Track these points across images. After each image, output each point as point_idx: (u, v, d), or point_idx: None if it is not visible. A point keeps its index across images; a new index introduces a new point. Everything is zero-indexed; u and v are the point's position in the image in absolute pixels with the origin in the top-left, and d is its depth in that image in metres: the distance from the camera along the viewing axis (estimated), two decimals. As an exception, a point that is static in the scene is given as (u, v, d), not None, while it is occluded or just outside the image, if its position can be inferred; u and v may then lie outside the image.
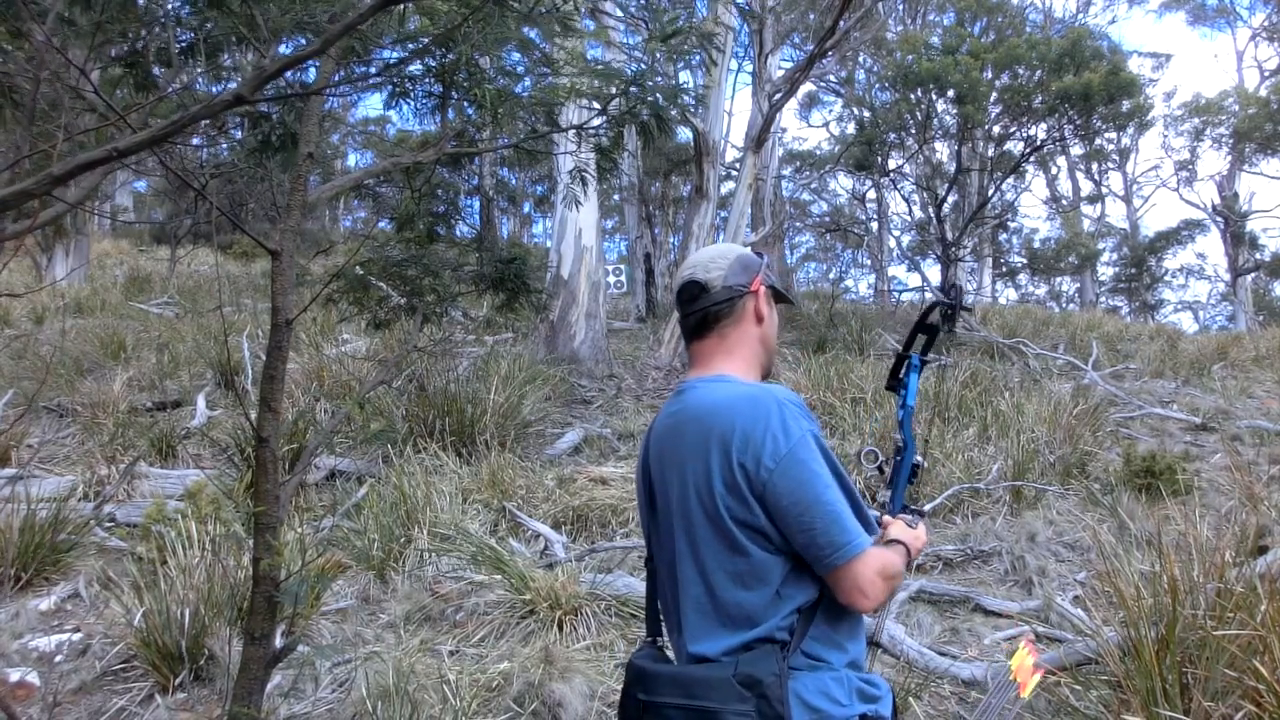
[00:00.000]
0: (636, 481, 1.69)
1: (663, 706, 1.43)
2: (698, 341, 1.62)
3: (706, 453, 1.46)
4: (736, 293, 1.59)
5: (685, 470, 1.50)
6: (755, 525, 1.43)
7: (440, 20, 2.58)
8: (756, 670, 1.38)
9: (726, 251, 1.63)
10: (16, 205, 1.58)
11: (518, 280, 4.62)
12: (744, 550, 1.44)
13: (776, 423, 1.43)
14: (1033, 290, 29.30)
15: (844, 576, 1.42)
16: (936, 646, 3.66)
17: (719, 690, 1.38)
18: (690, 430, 1.51)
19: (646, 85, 2.89)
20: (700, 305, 1.59)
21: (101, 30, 2.35)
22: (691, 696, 1.40)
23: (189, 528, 3.96)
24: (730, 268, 1.60)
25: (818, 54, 9.95)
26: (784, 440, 1.42)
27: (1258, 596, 2.73)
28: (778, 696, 1.36)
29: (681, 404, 1.56)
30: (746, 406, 1.46)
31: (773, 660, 1.39)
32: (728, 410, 1.46)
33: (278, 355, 2.34)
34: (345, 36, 1.87)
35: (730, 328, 1.60)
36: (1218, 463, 6.52)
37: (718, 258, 1.61)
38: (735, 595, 1.45)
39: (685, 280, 1.61)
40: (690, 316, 1.61)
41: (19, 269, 12.74)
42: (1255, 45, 26.44)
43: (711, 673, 1.41)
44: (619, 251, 28.66)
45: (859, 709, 1.45)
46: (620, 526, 5.00)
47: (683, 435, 1.52)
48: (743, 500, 1.43)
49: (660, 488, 1.57)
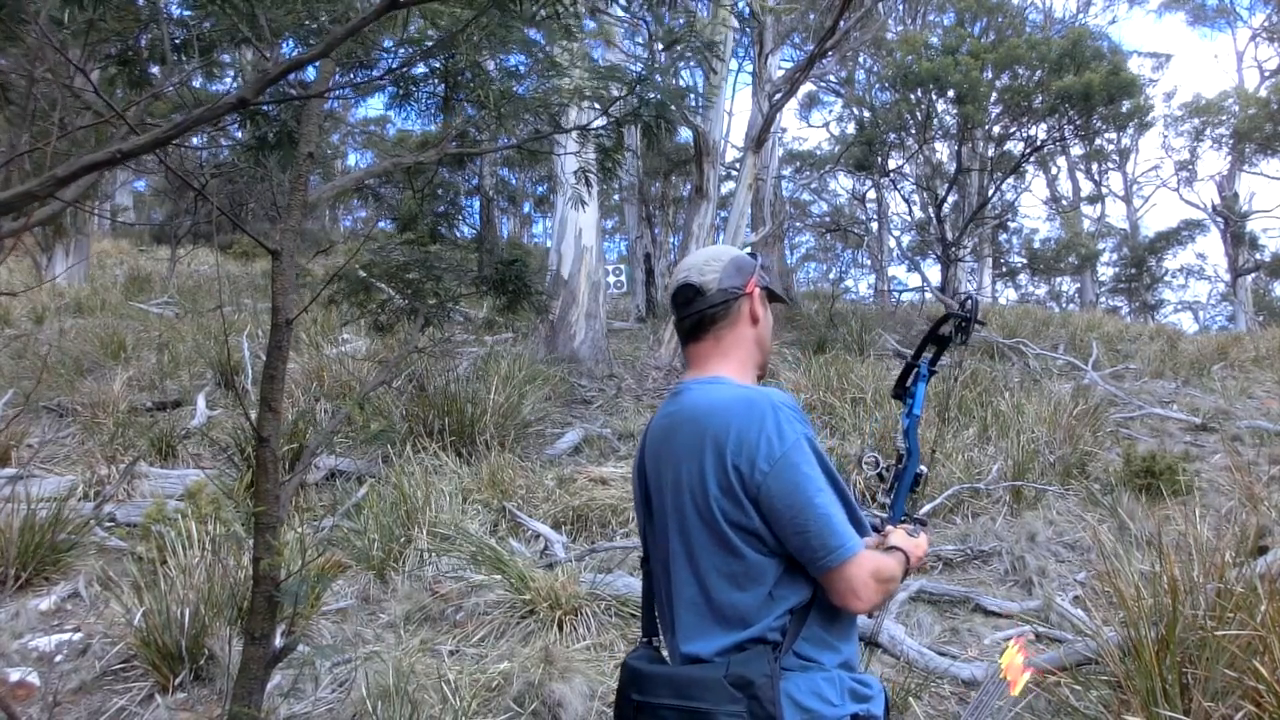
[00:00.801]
0: (633, 482, 1.70)
1: (657, 707, 1.43)
2: (693, 344, 1.62)
3: (701, 455, 1.47)
4: (731, 295, 1.60)
5: (680, 472, 1.50)
6: (749, 528, 1.44)
7: (442, 23, 2.58)
8: (748, 671, 1.38)
9: (720, 254, 1.64)
10: (20, 207, 1.58)
11: (519, 283, 4.62)
12: (738, 552, 1.44)
13: (771, 426, 1.43)
14: (1033, 290, 29.32)
15: (838, 578, 1.42)
16: (936, 646, 3.66)
17: (711, 691, 1.38)
18: (685, 432, 1.51)
19: (650, 83, 2.89)
20: (696, 308, 1.60)
21: (94, 29, 2.34)
22: (684, 697, 1.40)
23: (189, 528, 3.96)
24: (725, 270, 1.60)
25: (818, 54, 9.95)
26: (778, 443, 1.42)
27: (1258, 596, 2.73)
28: (769, 697, 1.37)
29: (678, 405, 1.57)
30: (742, 409, 1.46)
31: (764, 661, 1.40)
32: (723, 412, 1.47)
33: (278, 355, 2.34)
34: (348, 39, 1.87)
35: (726, 330, 1.61)
36: (1218, 463, 6.53)
37: (712, 260, 1.62)
38: (729, 596, 1.45)
39: (680, 284, 1.62)
40: (686, 319, 1.62)
41: (20, 269, 12.74)
42: (1255, 45, 26.44)
43: (704, 673, 1.42)
44: (619, 251, 28.67)
45: (851, 709, 1.45)
46: (620, 526, 5.01)
47: (678, 436, 1.53)
48: (737, 502, 1.43)
49: (655, 488, 1.58)
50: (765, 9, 11.24)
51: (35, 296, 10.98)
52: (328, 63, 2.48)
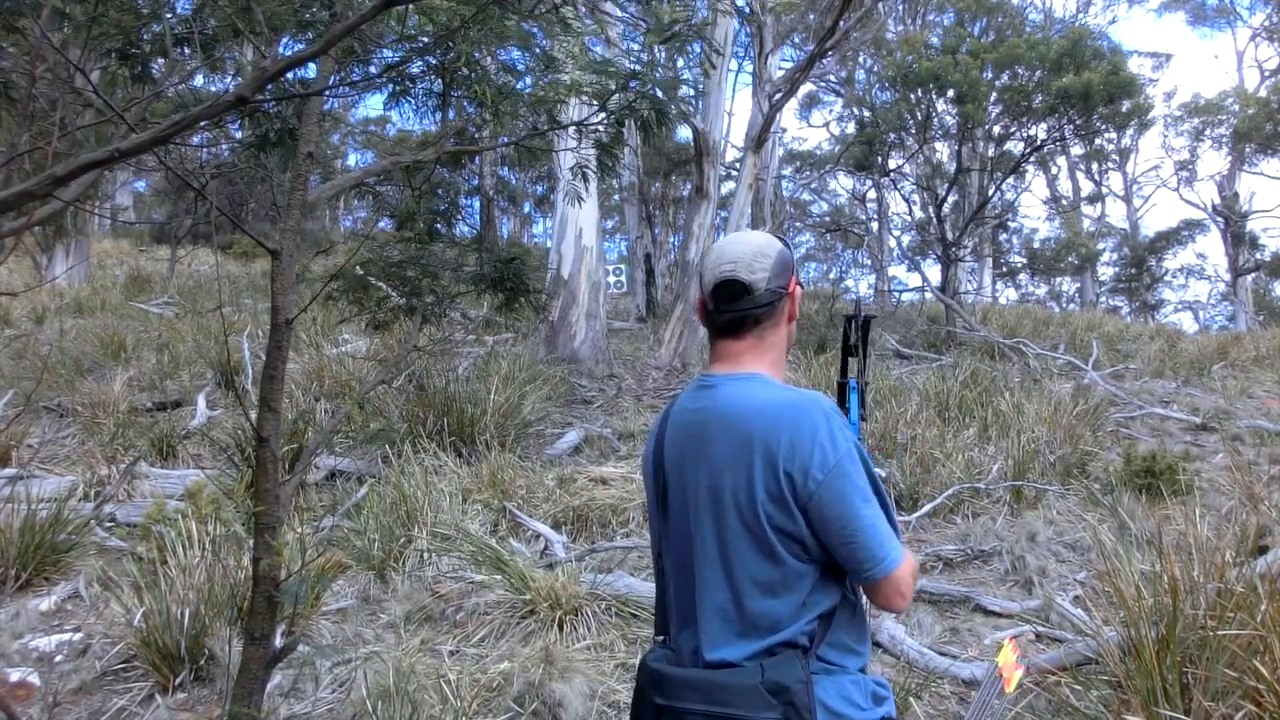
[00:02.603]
0: (645, 476, 1.64)
1: (683, 712, 1.39)
2: (732, 340, 1.55)
3: (749, 460, 1.42)
4: (778, 295, 1.54)
5: (720, 475, 1.45)
6: (796, 535, 1.41)
7: (439, 19, 2.58)
8: (783, 676, 1.36)
9: (767, 248, 1.55)
10: (18, 206, 1.58)
11: (517, 280, 4.61)
12: (779, 559, 1.42)
13: (825, 434, 1.40)
14: (1033, 290, 29.31)
15: (885, 584, 1.43)
16: (937, 646, 3.66)
17: (745, 697, 1.36)
18: (725, 432, 1.46)
19: (645, 77, 2.89)
20: (743, 306, 1.52)
21: (97, 23, 2.34)
22: (715, 703, 1.37)
23: (189, 528, 3.96)
24: (773, 269, 1.52)
25: (818, 54, 9.95)
26: (832, 453, 1.39)
27: (1258, 596, 2.73)
28: (805, 704, 1.35)
29: (710, 400, 1.51)
30: (792, 415, 1.42)
31: (797, 666, 1.38)
32: (773, 416, 1.43)
33: (278, 355, 2.34)
34: (346, 36, 1.87)
35: (770, 330, 1.55)
36: (1218, 463, 6.53)
37: (760, 256, 1.53)
38: (762, 604, 1.43)
39: (728, 278, 1.51)
40: (727, 314, 1.54)
41: (20, 269, 12.75)
42: (1255, 45, 26.47)
43: (735, 679, 1.38)
44: (619, 251, 28.68)
45: (878, 712, 1.46)
46: (620, 526, 5.00)
47: (713, 436, 1.47)
48: (786, 510, 1.40)
49: (677, 484, 1.53)
50: (766, 8, 11.24)
51: (35, 297, 10.99)
52: (327, 60, 2.47)
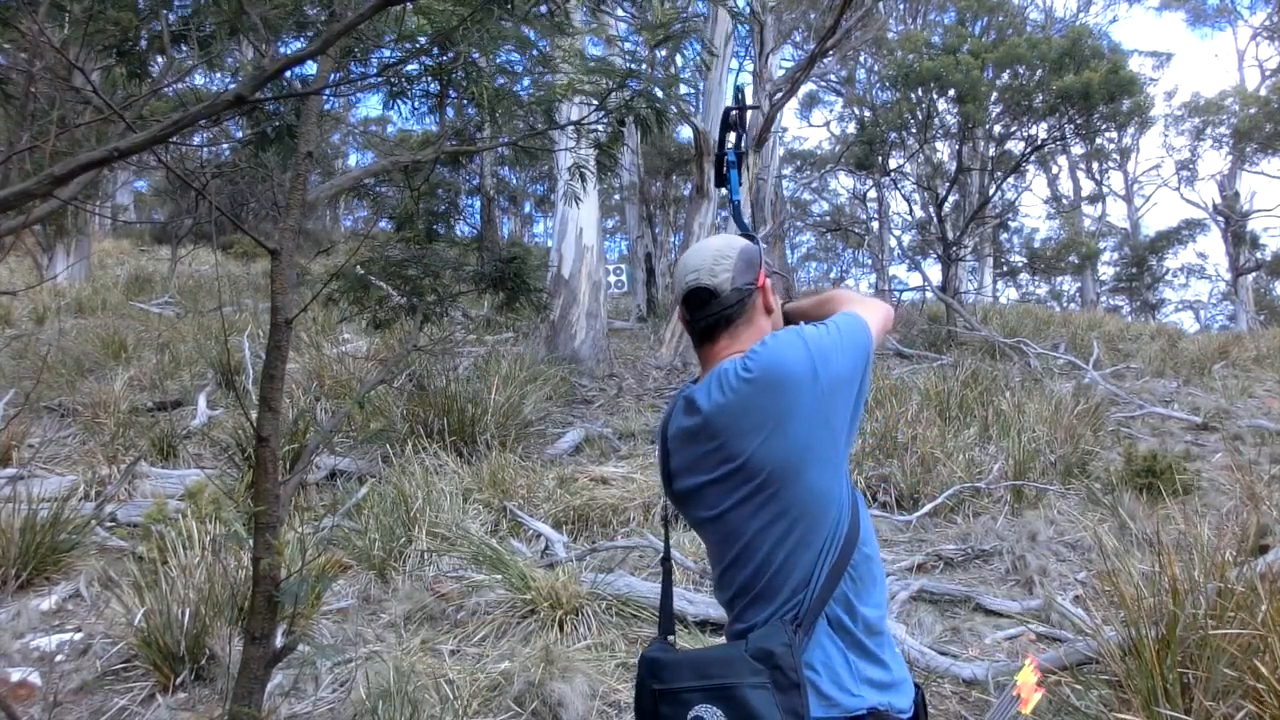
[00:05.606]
0: (663, 485, 1.67)
1: (679, 691, 1.42)
2: (709, 345, 1.58)
3: (778, 414, 1.44)
4: (746, 293, 1.56)
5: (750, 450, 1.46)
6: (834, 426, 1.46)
7: (436, 19, 2.58)
8: (767, 643, 1.39)
9: (726, 249, 1.57)
10: (17, 205, 1.57)
11: (517, 279, 4.62)
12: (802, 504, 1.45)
13: (805, 331, 1.49)
14: (1033, 290, 29.31)
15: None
16: (937, 646, 3.66)
17: (732, 666, 1.39)
18: (740, 415, 1.48)
19: (643, 76, 2.88)
20: (711, 311, 1.55)
21: (94, 20, 2.33)
22: (707, 676, 1.40)
23: (189, 527, 3.96)
24: (736, 267, 1.55)
25: (818, 53, 9.95)
26: (815, 331, 1.49)
27: (1258, 596, 2.73)
28: (790, 665, 1.37)
29: (697, 408, 1.54)
30: (781, 349, 1.48)
31: (782, 632, 1.41)
32: (776, 367, 1.47)
33: (278, 355, 2.33)
34: (344, 36, 1.87)
35: (743, 327, 1.57)
36: (1219, 462, 6.52)
37: (720, 258, 1.56)
38: (781, 572, 1.46)
39: (693, 286, 1.55)
40: (700, 322, 1.57)
41: (20, 269, 12.75)
42: (1255, 44, 26.44)
43: (724, 652, 1.43)
44: (620, 251, 28.69)
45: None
46: (621, 526, 5.00)
47: (728, 421, 1.49)
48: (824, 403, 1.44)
49: (692, 488, 1.56)
50: (766, 7, 11.24)
51: (36, 296, 10.99)
52: (326, 60, 2.47)
